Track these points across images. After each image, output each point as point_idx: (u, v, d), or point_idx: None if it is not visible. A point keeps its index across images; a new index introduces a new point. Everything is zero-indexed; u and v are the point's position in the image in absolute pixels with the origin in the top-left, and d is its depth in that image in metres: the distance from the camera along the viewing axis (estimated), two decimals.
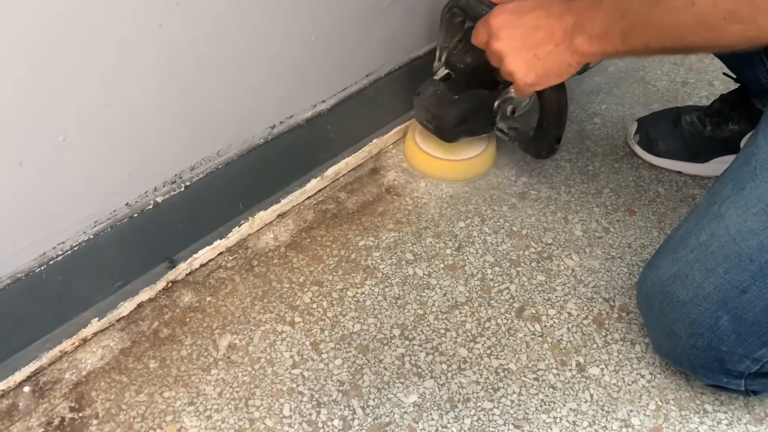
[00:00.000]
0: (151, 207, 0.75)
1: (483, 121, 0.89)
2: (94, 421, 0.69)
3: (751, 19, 0.50)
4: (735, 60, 0.86)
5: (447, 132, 0.89)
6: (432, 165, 0.95)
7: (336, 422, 0.69)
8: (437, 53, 0.89)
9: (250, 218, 0.87)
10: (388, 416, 0.69)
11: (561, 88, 0.78)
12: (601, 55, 0.63)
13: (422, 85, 0.91)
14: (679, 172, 0.97)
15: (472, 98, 0.87)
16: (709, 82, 1.14)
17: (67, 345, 0.74)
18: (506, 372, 0.73)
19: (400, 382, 0.72)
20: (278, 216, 0.90)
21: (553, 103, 0.82)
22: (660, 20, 0.55)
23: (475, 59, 0.83)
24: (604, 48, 0.62)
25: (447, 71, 0.88)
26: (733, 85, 0.94)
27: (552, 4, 0.66)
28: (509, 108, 0.88)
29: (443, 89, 0.88)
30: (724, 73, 0.94)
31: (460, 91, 0.87)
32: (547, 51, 0.66)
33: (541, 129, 0.86)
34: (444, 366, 0.74)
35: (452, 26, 0.86)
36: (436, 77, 0.89)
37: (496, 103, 0.87)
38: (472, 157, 0.94)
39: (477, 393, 0.72)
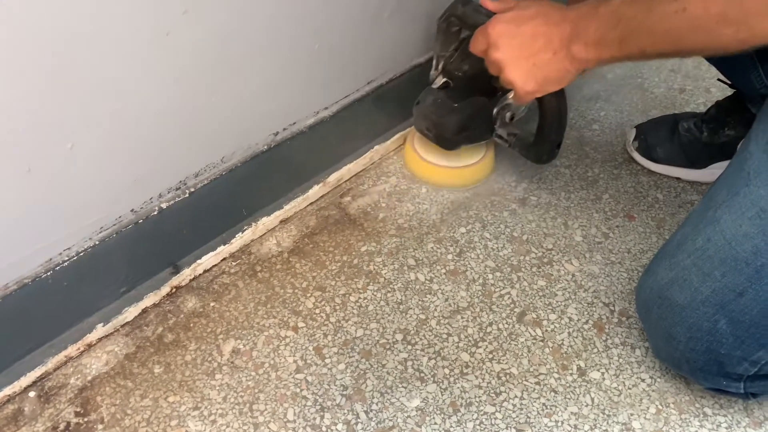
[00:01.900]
0: (155, 213, 0.76)
1: (482, 127, 0.90)
2: (100, 426, 0.69)
3: (743, 21, 0.51)
4: (729, 66, 0.87)
5: (448, 140, 0.90)
6: (433, 173, 0.95)
7: (340, 426, 0.70)
8: (434, 62, 0.90)
9: (254, 224, 0.87)
10: (391, 420, 0.70)
11: (560, 93, 0.79)
12: (598, 62, 0.64)
13: (421, 94, 0.91)
14: (678, 178, 0.98)
15: (472, 105, 0.88)
16: (706, 89, 1.15)
17: (72, 350, 0.74)
18: (508, 376, 0.74)
19: (403, 387, 0.73)
20: (281, 222, 0.91)
21: (553, 109, 0.82)
22: (654, 26, 0.56)
23: (473, 67, 0.84)
24: (601, 54, 0.63)
25: (445, 80, 0.89)
26: (729, 92, 0.95)
27: (549, 13, 0.67)
28: (508, 114, 0.89)
29: (443, 97, 0.89)
30: (719, 80, 0.95)
31: (460, 98, 0.88)
32: (545, 59, 0.67)
33: (541, 134, 0.87)
34: (446, 370, 0.75)
35: (449, 35, 0.87)
36: (434, 86, 0.90)
37: (495, 110, 0.88)
38: (472, 163, 0.95)
39: (479, 397, 0.72)
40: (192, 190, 0.79)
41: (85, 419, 0.70)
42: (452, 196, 0.95)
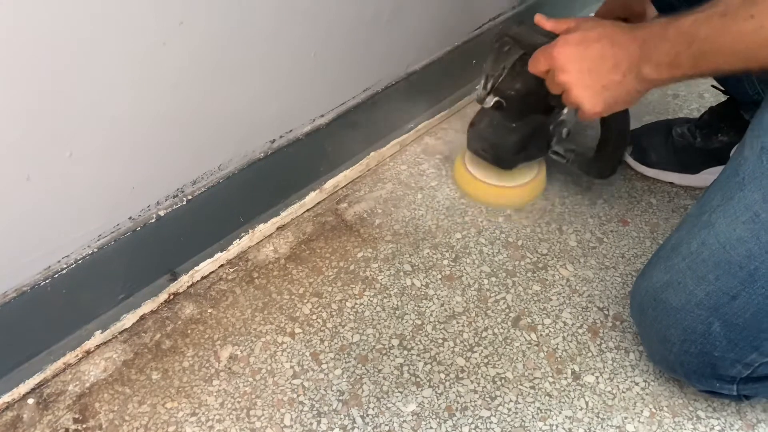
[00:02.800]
0: (153, 220, 0.77)
1: (540, 145, 0.90)
2: None
3: None
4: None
5: (506, 160, 0.90)
6: (490, 193, 0.95)
7: (336, 431, 0.70)
8: (483, 82, 0.88)
9: (251, 231, 0.88)
10: (387, 425, 0.70)
11: (626, 112, 0.80)
12: (670, 81, 0.64)
13: (475, 116, 0.91)
14: (671, 183, 0.99)
15: (529, 124, 0.87)
16: (699, 94, 1.16)
17: (70, 357, 0.75)
18: (503, 381, 0.75)
19: (398, 392, 0.73)
20: (278, 228, 0.91)
21: (619, 127, 0.83)
22: (731, 45, 0.56)
23: (525, 85, 0.83)
24: (673, 74, 0.62)
25: (497, 99, 0.87)
26: (723, 98, 0.96)
27: (616, 34, 0.66)
28: (564, 130, 0.89)
29: (498, 118, 0.88)
30: (713, 86, 0.96)
31: (516, 118, 0.87)
32: (615, 81, 0.66)
33: (604, 151, 0.87)
34: (442, 375, 0.75)
35: (500, 54, 0.85)
36: (486, 106, 0.87)
37: (551, 127, 0.88)
38: (529, 181, 0.95)
39: (474, 401, 0.73)
40: (189, 197, 0.79)
41: (84, 426, 0.70)
42: (447, 202, 0.96)
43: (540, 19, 0.79)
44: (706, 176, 0.96)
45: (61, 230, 0.69)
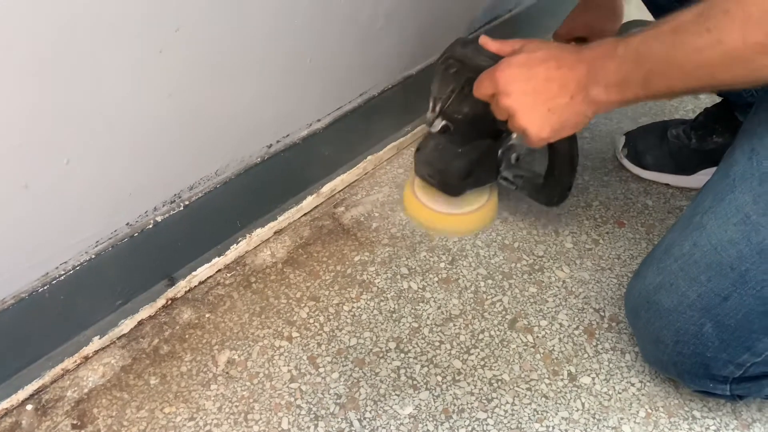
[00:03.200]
0: (151, 226, 0.77)
1: (488, 171, 0.88)
2: None
3: None
4: None
5: (453, 186, 0.87)
6: (438, 220, 0.91)
7: None
8: (430, 104, 0.86)
9: (248, 236, 0.89)
10: (384, 428, 0.71)
11: (573, 137, 0.77)
12: (620, 103, 0.61)
13: (421, 141, 0.89)
14: (667, 185, 0.99)
15: (476, 149, 0.85)
16: (694, 95, 1.16)
17: (69, 363, 0.75)
18: (500, 383, 0.75)
19: (396, 395, 0.74)
20: (275, 233, 0.92)
21: (565, 153, 0.80)
22: (684, 62, 0.53)
23: (473, 109, 0.81)
24: (623, 95, 0.59)
25: (444, 122, 0.85)
26: (718, 99, 0.97)
27: (562, 55, 0.64)
28: (513, 156, 0.87)
29: (444, 143, 0.85)
30: None
31: (462, 143, 0.85)
32: (561, 104, 0.64)
33: (552, 177, 0.84)
34: (439, 378, 0.75)
35: (447, 77, 0.83)
36: (433, 130, 0.86)
37: (499, 152, 0.86)
38: (478, 207, 0.91)
39: (471, 404, 0.73)
40: (187, 202, 0.80)
41: (82, 431, 0.70)
42: None
43: (485, 40, 0.76)
44: (702, 177, 0.96)
45: (59, 237, 0.70)
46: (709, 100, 1.12)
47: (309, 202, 0.94)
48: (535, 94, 0.65)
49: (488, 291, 0.85)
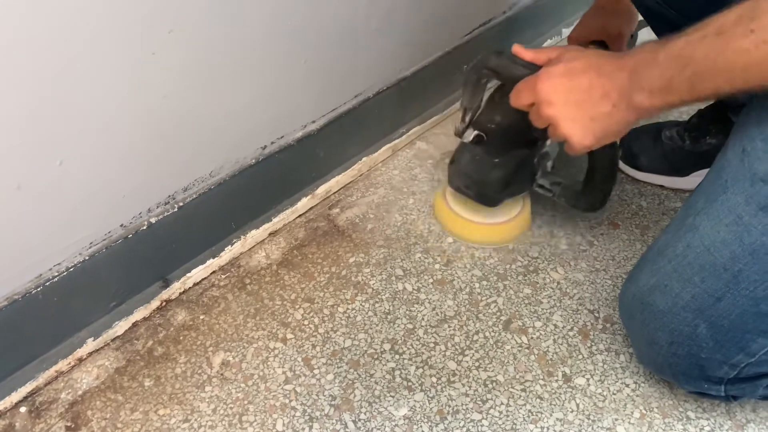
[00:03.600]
0: (145, 228, 0.77)
1: (524, 180, 0.87)
2: None
3: None
4: None
5: (491, 197, 0.86)
6: (473, 230, 0.90)
7: None
8: (461, 115, 0.85)
9: (242, 237, 0.88)
10: (379, 429, 0.71)
11: (614, 144, 0.77)
12: (664, 108, 0.60)
13: (455, 152, 0.87)
14: (661, 186, 0.99)
15: (513, 159, 0.84)
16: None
17: (62, 365, 0.75)
18: (494, 384, 0.75)
19: (390, 396, 0.74)
20: (270, 234, 0.91)
21: (607, 159, 0.80)
22: (730, 63, 0.53)
23: (506, 118, 0.80)
24: (668, 100, 0.59)
25: (477, 133, 0.83)
26: (712, 101, 0.97)
27: (602, 64, 0.64)
28: (549, 163, 0.87)
29: (480, 153, 0.84)
30: None
31: (498, 153, 0.83)
32: (604, 113, 0.63)
33: (592, 184, 0.83)
34: (434, 379, 0.75)
35: (478, 86, 0.82)
36: (465, 140, 0.84)
37: (535, 160, 0.85)
38: (514, 216, 0.90)
39: (466, 405, 0.73)
40: (181, 204, 0.80)
41: None
42: None
43: (519, 50, 0.75)
44: (696, 179, 0.96)
45: (52, 238, 0.69)
46: (704, 102, 1.12)
47: (304, 203, 0.94)
48: (578, 103, 0.65)
49: (483, 292, 0.85)
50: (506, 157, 0.84)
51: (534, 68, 0.70)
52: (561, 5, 1.28)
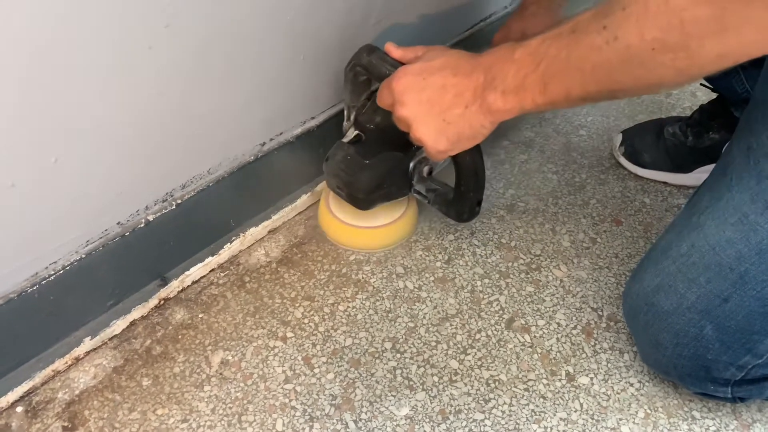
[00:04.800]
0: (142, 225, 0.76)
1: (399, 184, 0.83)
2: None
3: (683, 45, 0.45)
4: None
5: (361, 200, 0.82)
6: (348, 234, 0.87)
7: None
8: (345, 113, 0.84)
9: (242, 235, 0.87)
10: (380, 429, 0.70)
11: (476, 150, 0.73)
12: (518, 111, 0.57)
13: (331, 150, 0.83)
14: (665, 183, 0.99)
15: (385, 162, 0.80)
16: (692, 92, 1.16)
17: (59, 364, 0.74)
18: (497, 383, 0.74)
19: (392, 395, 0.73)
20: (269, 232, 0.91)
21: (469, 168, 0.76)
22: (581, 62, 0.50)
23: (385, 119, 0.75)
24: (521, 102, 0.56)
25: (357, 132, 0.81)
26: (713, 95, 0.96)
27: (459, 62, 0.61)
28: (425, 169, 0.82)
29: (353, 153, 0.81)
30: (702, 84, 0.96)
31: (371, 154, 0.80)
32: (457, 114, 0.60)
33: (459, 193, 0.80)
34: (435, 378, 0.75)
35: (357, 85, 0.80)
36: (345, 139, 0.82)
37: (411, 165, 0.81)
38: (388, 223, 0.87)
39: (468, 404, 0.72)
40: (179, 201, 0.79)
41: None
42: None
43: (390, 47, 0.73)
44: (699, 175, 0.96)
45: (48, 236, 0.68)
46: (705, 96, 1.11)
47: (303, 200, 0.93)
48: (430, 104, 0.61)
49: (485, 290, 0.84)
50: (377, 159, 0.80)
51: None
52: None
